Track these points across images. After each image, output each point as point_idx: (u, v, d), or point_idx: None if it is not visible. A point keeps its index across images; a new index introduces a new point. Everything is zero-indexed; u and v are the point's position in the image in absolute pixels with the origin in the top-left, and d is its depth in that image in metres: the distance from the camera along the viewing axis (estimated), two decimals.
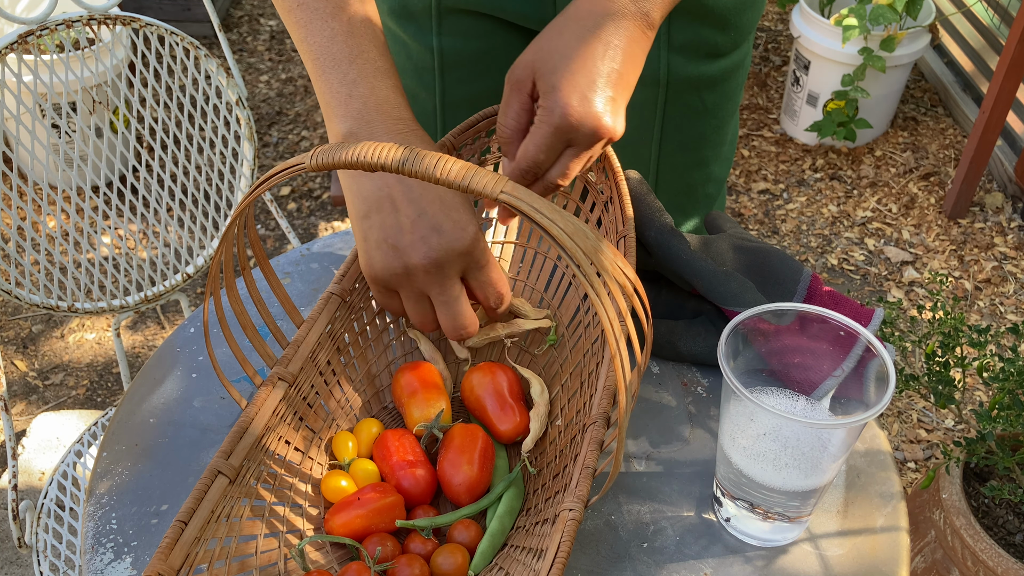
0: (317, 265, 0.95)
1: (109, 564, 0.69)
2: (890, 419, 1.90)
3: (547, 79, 0.68)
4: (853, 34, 2.25)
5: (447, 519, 0.70)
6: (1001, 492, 1.16)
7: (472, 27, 0.97)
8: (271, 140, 2.64)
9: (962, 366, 1.10)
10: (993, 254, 2.26)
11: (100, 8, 1.12)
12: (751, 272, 0.84)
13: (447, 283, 0.71)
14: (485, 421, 0.77)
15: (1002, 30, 2.44)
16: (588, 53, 0.68)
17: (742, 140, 2.63)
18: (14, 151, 1.26)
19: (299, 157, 0.56)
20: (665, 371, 0.84)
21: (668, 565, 0.69)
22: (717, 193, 1.10)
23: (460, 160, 0.52)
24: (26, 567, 1.63)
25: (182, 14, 2.91)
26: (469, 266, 0.72)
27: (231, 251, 0.66)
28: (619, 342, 0.53)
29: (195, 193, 1.32)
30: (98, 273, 1.26)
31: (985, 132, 2.15)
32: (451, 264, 0.70)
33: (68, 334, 2.08)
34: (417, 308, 0.73)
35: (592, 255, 0.52)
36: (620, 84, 0.69)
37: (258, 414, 0.68)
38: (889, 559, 0.71)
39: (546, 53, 0.69)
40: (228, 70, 1.23)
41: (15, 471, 1.12)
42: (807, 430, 0.64)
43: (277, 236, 2.34)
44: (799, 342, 0.69)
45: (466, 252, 0.70)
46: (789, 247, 2.31)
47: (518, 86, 0.71)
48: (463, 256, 0.71)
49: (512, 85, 0.72)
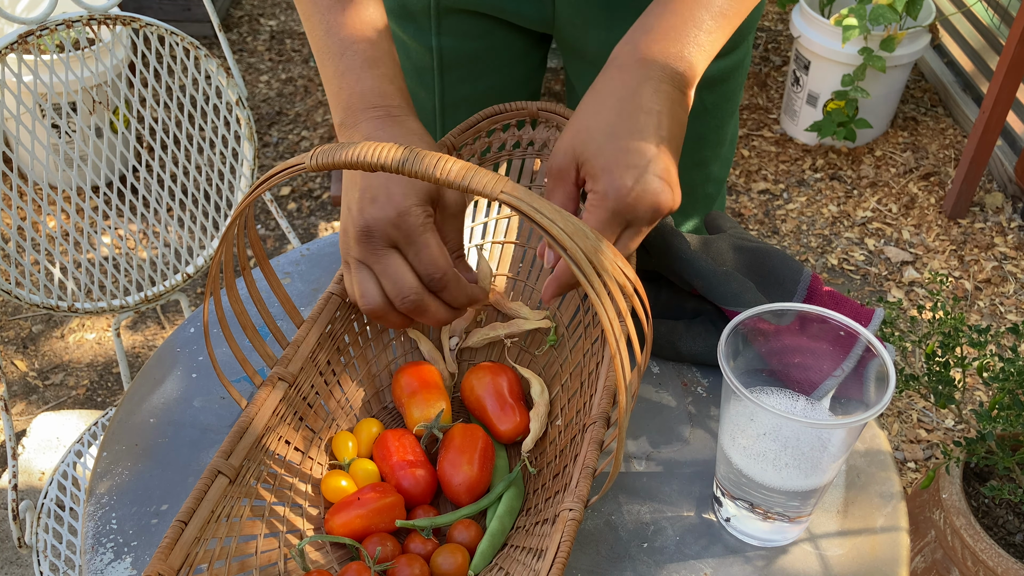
0: (317, 265, 0.95)
1: (109, 564, 0.69)
2: (890, 419, 1.90)
3: (593, 163, 0.65)
4: (853, 34, 2.25)
5: (447, 519, 0.70)
6: (1001, 492, 1.16)
7: (471, 27, 0.98)
8: (271, 140, 2.64)
9: (962, 366, 1.10)
10: (993, 254, 2.26)
11: (100, 8, 1.12)
12: (751, 272, 0.84)
13: (379, 252, 0.69)
14: (485, 421, 0.77)
15: (1002, 30, 2.44)
16: (633, 128, 0.65)
17: (742, 140, 2.63)
18: (14, 151, 1.26)
19: (299, 157, 0.56)
20: (665, 371, 0.84)
21: (668, 565, 0.69)
22: (717, 193, 1.10)
23: (460, 160, 0.52)
24: (26, 567, 1.63)
25: (182, 14, 2.91)
26: (400, 239, 0.69)
27: (231, 251, 0.66)
28: (619, 342, 0.53)
29: (195, 193, 1.32)
30: (98, 273, 1.26)
31: (985, 132, 2.15)
32: (380, 232, 0.68)
33: (68, 334, 2.08)
34: (357, 278, 0.71)
35: (592, 255, 0.52)
36: (670, 151, 0.66)
37: (258, 414, 0.68)
38: (889, 559, 0.71)
39: (586, 135, 0.66)
40: (228, 70, 1.23)
41: (15, 471, 1.12)
42: (807, 430, 0.64)
43: (277, 236, 2.34)
44: (799, 342, 0.69)
45: (394, 223, 0.68)
46: (789, 247, 2.31)
47: (561, 175, 0.68)
48: (392, 226, 0.68)
49: (554, 175, 0.69)
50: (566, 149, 0.68)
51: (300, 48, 3.02)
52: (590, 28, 0.94)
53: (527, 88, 1.07)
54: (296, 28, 3.12)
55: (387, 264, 0.69)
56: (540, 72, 1.08)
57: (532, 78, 1.07)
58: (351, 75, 0.72)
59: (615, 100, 0.67)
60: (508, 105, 0.82)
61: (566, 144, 0.68)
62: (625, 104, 0.66)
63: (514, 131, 0.85)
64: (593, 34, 0.94)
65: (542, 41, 1.03)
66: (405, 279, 0.69)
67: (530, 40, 1.01)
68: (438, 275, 0.69)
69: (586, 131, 0.67)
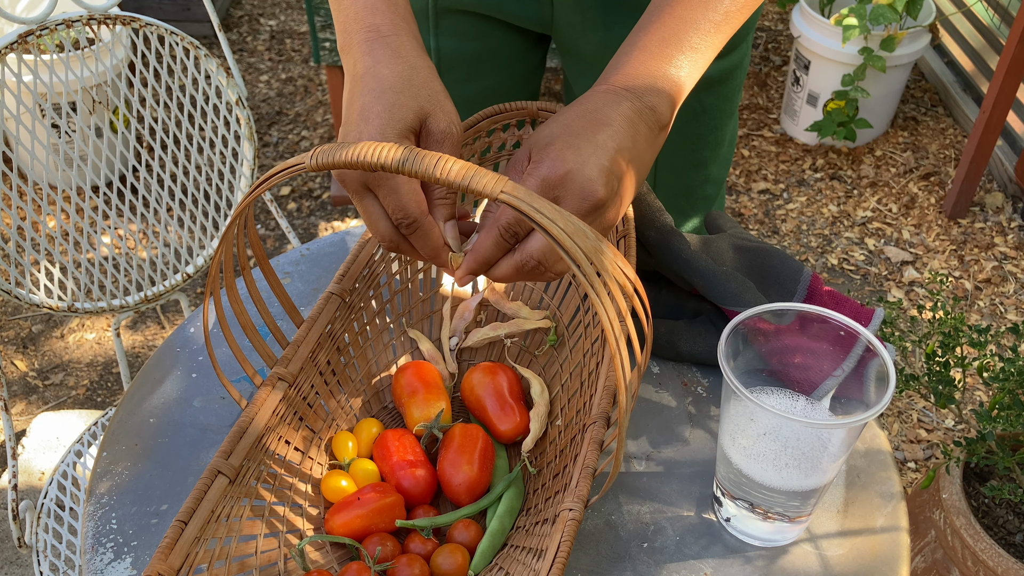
0: (317, 265, 0.95)
1: (109, 564, 0.69)
2: (890, 419, 1.90)
3: (541, 144, 0.64)
4: (853, 34, 2.25)
5: (447, 519, 0.70)
6: (1001, 492, 1.16)
7: (469, 27, 0.97)
8: (271, 140, 2.64)
9: (962, 366, 1.10)
10: (993, 254, 2.26)
11: (100, 8, 1.12)
12: (751, 272, 0.84)
13: (356, 195, 0.67)
14: (485, 421, 0.77)
15: (1002, 30, 2.44)
16: (587, 126, 0.64)
17: (742, 140, 2.63)
18: (14, 151, 1.26)
19: (299, 157, 0.56)
20: (665, 371, 0.84)
21: (668, 565, 0.69)
22: (716, 194, 1.10)
23: (460, 160, 0.52)
24: (26, 567, 1.63)
25: (182, 14, 2.91)
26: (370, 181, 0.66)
27: (231, 251, 0.66)
28: (619, 342, 0.53)
29: (195, 193, 1.32)
30: (98, 273, 1.26)
31: (985, 132, 2.15)
32: (350, 178, 0.65)
33: (68, 334, 2.08)
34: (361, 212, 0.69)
35: (592, 255, 0.52)
36: (625, 163, 0.64)
37: (258, 414, 0.68)
38: (889, 559, 0.71)
39: (542, 130, 0.66)
40: (228, 70, 1.23)
41: (15, 471, 1.12)
42: (807, 430, 0.64)
43: (277, 236, 2.34)
44: (799, 342, 0.69)
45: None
46: (789, 247, 2.31)
47: (513, 164, 0.67)
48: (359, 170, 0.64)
49: (508, 167, 0.67)
50: (524, 146, 0.67)
51: (300, 48, 3.02)
52: (588, 29, 0.94)
53: (526, 88, 1.07)
54: (296, 28, 3.12)
55: (363, 208, 0.67)
56: (539, 72, 1.08)
57: (531, 78, 1.07)
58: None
59: (578, 108, 0.66)
60: (508, 105, 0.82)
61: (525, 143, 0.67)
62: (585, 112, 0.66)
63: (514, 131, 0.85)
64: (591, 35, 0.94)
65: (541, 41, 1.03)
66: (377, 225, 0.67)
67: (529, 40, 1.01)
68: (407, 220, 0.66)
69: (543, 130, 0.66)
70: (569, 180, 0.62)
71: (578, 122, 0.65)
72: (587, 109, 0.66)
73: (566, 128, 0.64)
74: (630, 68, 0.68)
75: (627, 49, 0.69)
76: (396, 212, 0.65)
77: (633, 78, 0.67)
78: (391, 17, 0.70)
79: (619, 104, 0.65)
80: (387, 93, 0.65)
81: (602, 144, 0.63)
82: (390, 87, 0.65)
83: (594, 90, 0.68)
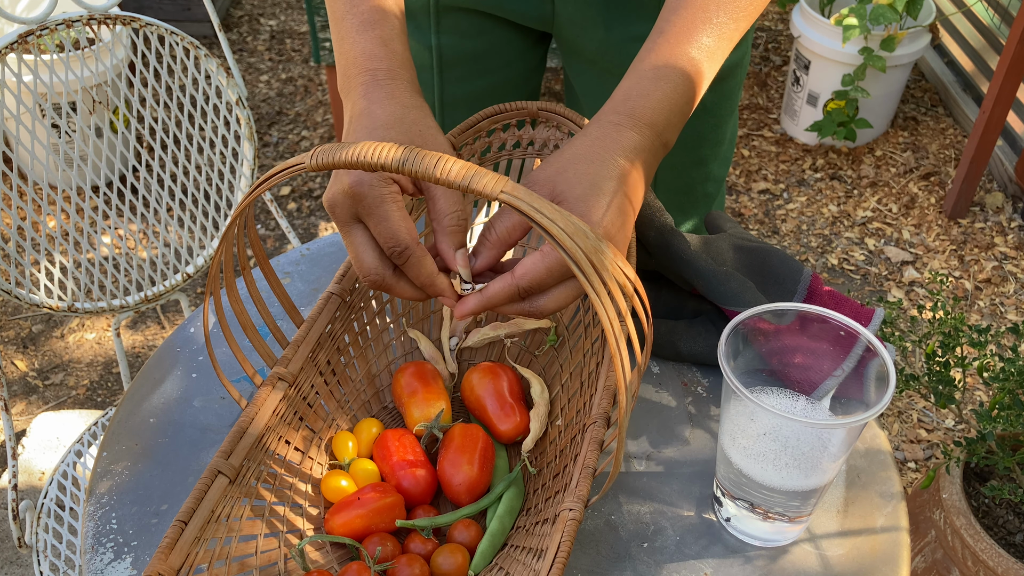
0: (317, 265, 0.95)
1: (109, 564, 0.69)
2: (890, 419, 1.90)
3: (533, 176, 0.66)
4: (853, 34, 2.25)
5: (447, 519, 0.70)
6: (1001, 492, 1.16)
7: (470, 25, 0.98)
8: (271, 140, 2.64)
9: (962, 366, 1.10)
10: (993, 254, 2.26)
11: (100, 8, 1.12)
12: (751, 272, 0.84)
13: (344, 227, 0.67)
14: (485, 421, 0.77)
15: (1002, 30, 2.44)
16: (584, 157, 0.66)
17: (742, 140, 2.63)
18: (14, 151, 1.26)
19: (299, 157, 0.56)
20: (665, 371, 0.84)
21: (668, 565, 0.69)
22: (716, 192, 1.10)
23: (460, 160, 0.52)
24: (26, 567, 1.63)
25: (182, 14, 2.91)
26: (361, 211, 0.66)
27: (231, 251, 0.66)
28: (619, 342, 0.53)
29: (195, 193, 1.32)
30: (98, 273, 1.26)
31: (985, 132, 2.15)
32: (340, 207, 0.66)
33: (68, 334, 2.08)
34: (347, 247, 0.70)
35: (592, 255, 0.52)
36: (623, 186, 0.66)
37: (258, 414, 0.68)
38: (889, 559, 0.71)
39: (542, 170, 0.67)
40: (228, 70, 1.23)
41: (15, 471, 1.12)
42: (807, 430, 0.64)
43: (277, 236, 2.34)
44: (799, 342, 0.69)
45: (350, 195, 0.65)
46: (789, 247, 2.31)
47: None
48: (349, 198, 0.65)
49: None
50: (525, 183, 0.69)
51: (300, 48, 3.02)
52: (589, 27, 0.94)
53: (527, 87, 1.07)
54: (296, 28, 3.12)
55: (351, 240, 0.67)
56: (540, 71, 1.08)
57: (532, 77, 1.07)
58: (348, 39, 0.73)
59: (577, 142, 0.68)
60: (508, 105, 0.82)
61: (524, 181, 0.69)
62: (582, 145, 0.68)
63: (514, 131, 0.85)
64: (592, 33, 0.94)
65: (541, 40, 1.03)
66: (364, 258, 0.67)
67: (529, 39, 1.01)
68: (399, 248, 0.66)
69: (546, 167, 0.68)
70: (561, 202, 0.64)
71: (574, 153, 0.67)
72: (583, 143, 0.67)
73: (560, 156, 0.66)
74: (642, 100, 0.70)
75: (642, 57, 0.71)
76: (388, 241, 0.66)
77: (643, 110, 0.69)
78: (388, 64, 0.72)
79: (620, 131, 0.68)
80: (379, 129, 0.68)
81: (603, 173, 0.66)
82: (382, 124, 0.68)
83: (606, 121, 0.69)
